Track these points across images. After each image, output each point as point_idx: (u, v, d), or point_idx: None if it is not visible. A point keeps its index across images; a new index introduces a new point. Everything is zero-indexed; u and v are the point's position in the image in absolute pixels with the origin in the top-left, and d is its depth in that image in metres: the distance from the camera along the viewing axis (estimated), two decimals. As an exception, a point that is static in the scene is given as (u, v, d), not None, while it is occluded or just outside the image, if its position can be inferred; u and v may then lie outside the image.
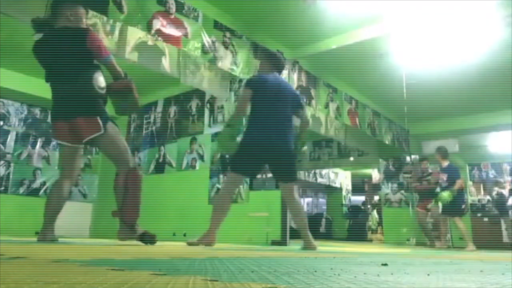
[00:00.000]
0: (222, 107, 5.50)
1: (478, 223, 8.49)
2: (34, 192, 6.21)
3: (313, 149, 9.01)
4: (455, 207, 5.58)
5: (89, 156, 6.92)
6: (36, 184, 6.27)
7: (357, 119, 6.15)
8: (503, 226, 7.70)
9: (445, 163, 5.72)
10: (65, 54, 2.38)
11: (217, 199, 3.14)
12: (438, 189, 5.77)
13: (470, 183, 9.44)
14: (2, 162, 6.01)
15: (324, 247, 4.08)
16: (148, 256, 1.52)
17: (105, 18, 3.15)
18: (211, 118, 5.68)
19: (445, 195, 5.49)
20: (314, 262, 1.51)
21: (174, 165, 5.92)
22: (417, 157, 7.36)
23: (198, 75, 4.04)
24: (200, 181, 5.49)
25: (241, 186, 4.93)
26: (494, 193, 7.94)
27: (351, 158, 8.55)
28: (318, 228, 10.88)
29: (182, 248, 2.39)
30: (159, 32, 3.41)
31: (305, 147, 3.38)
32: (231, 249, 2.55)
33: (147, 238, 2.53)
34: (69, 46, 2.38)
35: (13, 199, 5.90)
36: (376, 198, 11.18)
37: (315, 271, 1.07)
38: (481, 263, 1.97)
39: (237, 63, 4.04)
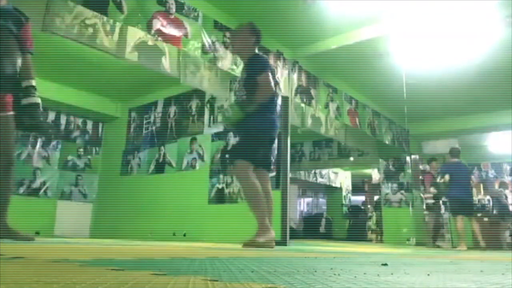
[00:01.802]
0: (222, 107, 5.49)
1: (478, 223, 8.46)
2: (34, 192, 6.19)
3: (313, 149, 9.01)
4: (464, 205, 5.65)
5: (89, 156, 6.92)
6: (36, 184, 6.26)
7: (357, 119, 6.15)
8: (504, 226, 7.69)
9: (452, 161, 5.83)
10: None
11: (249, 194, 2.85)
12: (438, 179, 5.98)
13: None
14: (2, 162, 6.01)
15: (324, 247, 4.08)
16: (148, 256, 1.52)
17: (105, 18, 3.15)
18: (211, 118, 5.68)
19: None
20: (314, 262, 1.51)
21: (174, 165, 5.92)
22: (417, 157, 7.36)
23: (198, 75, 4.03)
24: (200, 181, 5.49)
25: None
26: (497, 191, 7.93)
27: (351, 158, 8.56)
28: (318, 228, 10.88)
29: (182, 248, 2.39)
30: (159, 32, 3.40)
31: None
32: (231, 249, 2.55)
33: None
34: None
35: (13, 199, 5.87)
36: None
37: (315, 271, 1.07)
38: (481, 263, 1.97)
39: (237, 63, 4.04)
